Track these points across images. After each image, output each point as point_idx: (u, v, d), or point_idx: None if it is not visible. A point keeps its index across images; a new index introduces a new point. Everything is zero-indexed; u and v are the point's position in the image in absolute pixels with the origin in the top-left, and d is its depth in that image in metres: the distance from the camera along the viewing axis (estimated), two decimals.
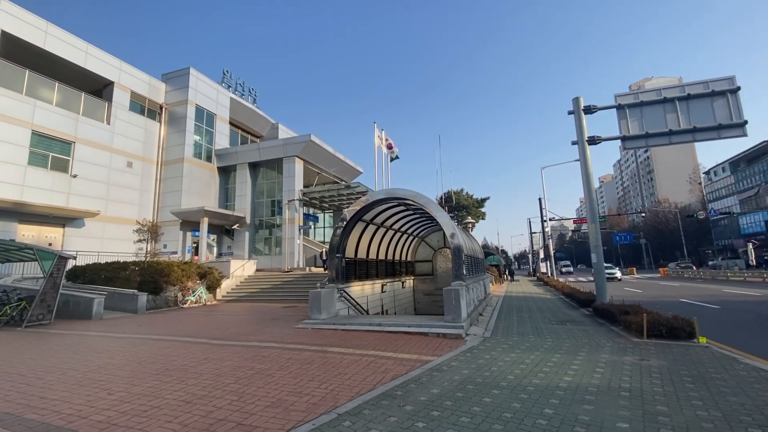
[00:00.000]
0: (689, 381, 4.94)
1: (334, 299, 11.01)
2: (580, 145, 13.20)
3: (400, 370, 5.68)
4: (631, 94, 13.42)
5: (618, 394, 4.47)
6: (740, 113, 11.98)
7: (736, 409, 3.91)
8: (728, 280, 29.27)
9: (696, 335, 7.47)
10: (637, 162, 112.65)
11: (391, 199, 11.57)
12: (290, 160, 26.97)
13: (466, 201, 39.38)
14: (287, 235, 26.12)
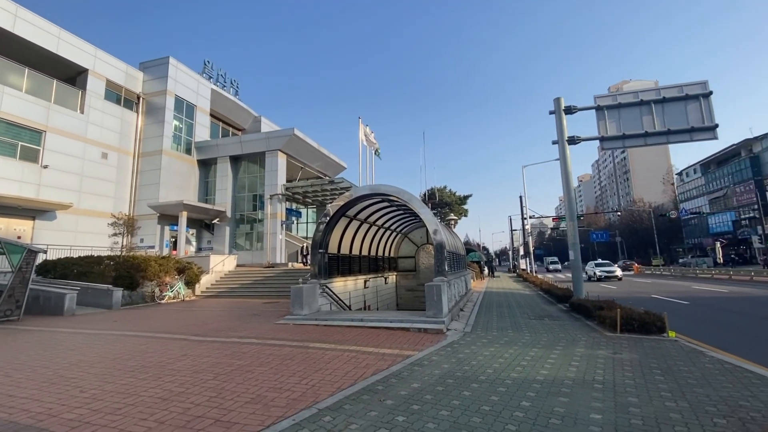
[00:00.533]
0: (659, 374, 5.14)
1: (317, 295, 10.96)
2: (560, 145, 13.47)
3: (381, 365, 5.71)
4: (610, 95, 13.76)
5: (592, 387, 4.62)
6: (712, 117, 12.45)
7: (702, 400, 4.10)
8: (697, 277, 30.54)
9: (666, 330, 7.78)
10: (615, 162, 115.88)
11: (375, 195, 11.57)
12: (273, 154, 26.59)
13: (449, 198, 39.73)
14: (269, 230, 25.81)
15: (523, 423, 3.59)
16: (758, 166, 51.86)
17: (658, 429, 3.42)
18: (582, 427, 3.49)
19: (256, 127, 35.28)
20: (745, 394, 4.26)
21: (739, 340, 8.01)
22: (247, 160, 28.28)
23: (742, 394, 4.25)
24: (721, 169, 59.91)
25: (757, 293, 16.89)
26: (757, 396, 4.17)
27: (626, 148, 14.58)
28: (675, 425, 3.49)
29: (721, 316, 11.39)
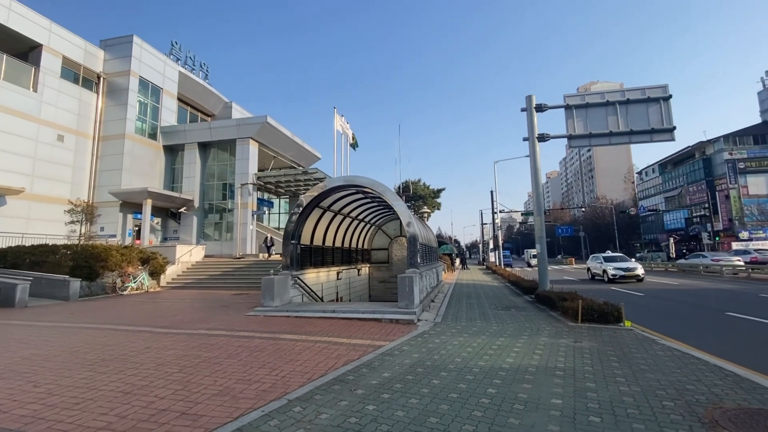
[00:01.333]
0: (615, 360, 5.46)
1: (288, 286, 10.83)
2: (530, 142, 13.84)
3: (352, 356, 5.75)
4: (578, 95, 14.24)
5: (553, 374, 4.85)
6: (670, 119, 13.14)
7: (653, 385, 4.39)
8: (652, 270, 32.44)
9: (623, 319, 8.25)
10: (581, 160, 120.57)
11: (350, 187, 11.51)
12: (244, 141, 25.84)
13: (423, 191, 40.11)
14: (239, 220, 25.17)
15: (488, 409, 3.73)
16: (710, 168, 55.42)
17: (612, 412, 3.64)
18: (543, 411, 3.67)
19: (227, 113, 34.10)
20: (692, 378, 4.59)
21: (687, 328, 8.61)
22: (216, 147, 27.34)
23: (689, 378, 4.59)
24: (677, 169, 63.59)
25: (705, 285, 18.17)
26: (702, 380, 4.52)
27: (592, 146, 15.17)
28: (628, 408, 3.72)
29: (671, 306, 12.18)
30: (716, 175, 54.04)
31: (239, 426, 3.36)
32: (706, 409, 3.64)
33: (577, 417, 3.52)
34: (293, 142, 29.74)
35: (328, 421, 3.47)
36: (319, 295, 13.04)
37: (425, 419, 3.49)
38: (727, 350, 6.38)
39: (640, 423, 3.38)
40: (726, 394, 4.06)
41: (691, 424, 3.35)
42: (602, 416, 3.53)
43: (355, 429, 3.30)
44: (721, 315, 10.22)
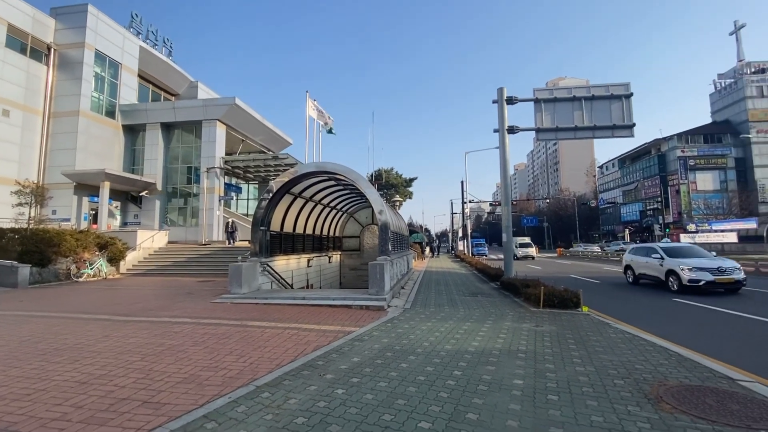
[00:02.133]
0: (572, 343, 5.78)
1: (257, 273, 10.64)
2: (500, 133, 14.13)
3: (322, 342, 5.76)
4: (547, 90, 14.63)
5: (516, 356, 5.08)
6: (630, 116, 13.78)
7: (606, 365, 4.69)
8: (609, 259, 34.34)
9: (581, 305, 8.72)
10: (547, 154, 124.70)
11: (322, 173, 11.35)
12: (211, 123, 24.82)
13: (395, 180, 40.21)
14: (206, 205, 24.32)
15: (454, 390, 3.86)
16: (664, 164, 58.92)
17: (569, 390, 3.87)
18: (506, 391, 3.84)
19: (192, 93, 32.52)
20: (640, 359, 4.94)
21: (638, 313, 9.20)
22: (181, 128, 26.11)
23: (638, 359, 4.94)
24: (635, 164, 67.18)
25: None
26: (649, 360, 4.87)
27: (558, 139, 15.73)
28: (583, 387, 3.97)
29: (623, 292, 12.97)
30: (669, 170, 57.57)
31: (205, 413, 3.31)
32: (651, 386, 3.94)
33: (537, 396, 3.72)
34: (263, 126, 28.88)
35: (297, 405, 3.48)
36: (289, 283, 12.91)
37: (393, 401, 3.57)
38: (673, 332, 6.90)
39: (593, 400, 3.61)
40: (670, 372, 4.40)
41: (639, 399, 3.62)
42: (559, 395, 3.75)
43: (324, 412, 3.33)
44: (669, 300, 10.99)
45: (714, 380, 4.14)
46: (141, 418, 3.24)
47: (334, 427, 3.06)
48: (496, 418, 3.23)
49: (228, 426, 3.08)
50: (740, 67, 57.00)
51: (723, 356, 5.34)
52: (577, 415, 3.30)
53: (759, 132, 51.97)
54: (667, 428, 3.04)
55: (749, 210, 49.73)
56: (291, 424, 3.10)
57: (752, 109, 53.91)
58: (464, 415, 3.28)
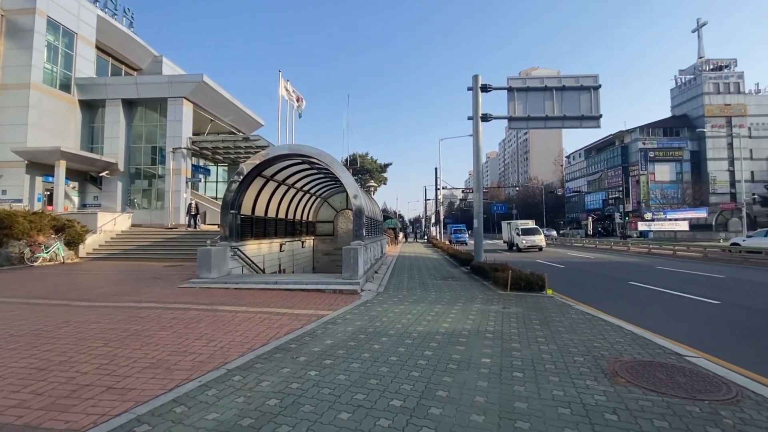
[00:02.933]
0: (537, 323, 6.05)
1: (227, 258, 10.40)
2: (474, 121, 14.29)
3: (295, 325, 5.75)
4: (520, 79, 14.88)
5: (484, 336, 5.27)
6: (598, 107, 14.25)
7: (568, 344, 4.96)
8: (573, 245, 35.95)
9: (546, 288, 9.11)
10: (518, 143, 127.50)
11: (295, 156, 11.12)
12: (177, 101, 23.61)
13: (370, 165, 40.00)
14: (172, 187, 23.32)
15: (425, 369, 3.98)
16: (626, 155, 61.65)
17: (533, 367, 4.07)
18: (474, 369, 4.00)
19: (156, 68, 30.69)
20: (599, 337, 5.26)
21: (598, 295, 9.75)
22: (144, 106, 24.71)
23: (596, 337, 5.25)
24: (600, 155, 69.92)
25: (614, 259, 20.61)
26: (607, 338, 5.19)
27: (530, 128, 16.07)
28: (546, 364, 4.19)
29: (586, 277, 13.68)
30: (631, 161, 60.34)
31: (174, 397, 3.25)
32: (608, 362, 4.21)
33: (503, 373, 3.89)
34: (233, 106, 27.80)
35: (269, 387, 3.48)
36: (261, 268, 12.72)
37: (366, 381, 3.63)
38: (629, 313, 7.37)
39: (555, 375, 3.82)
40: (625, 349, 4.71)
41: (596, 375, 3.86)
42: (524, 372, 3.94)
43: (296, 394, 3.35)
44: (625, 284, 11.69)
45: (664, 356, 4.47)
46: (105, 404, 3.15)
47: (307, 407, 3.09)
48: (464, 395, 3.36)
49: (198, 409, 3.04)
50: (700, 64, 59.92)
51: (666, 331, 5.78)
52: (540, 390, 3.48)
53: (713, 127, 55.16)
54: (621, 400, 3.27)
55: (701, 200, 53.13)
56: (263, 406, 3.10)
57: (708, 105, 57.05)
58: (434, 393, 3.39)
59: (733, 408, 3.13)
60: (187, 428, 2.75)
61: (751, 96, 58.00)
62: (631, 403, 3.22)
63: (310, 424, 2.82)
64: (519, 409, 3.10)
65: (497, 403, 3.19)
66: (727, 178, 56.57)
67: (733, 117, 56.45)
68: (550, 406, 3.16)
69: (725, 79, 57.96)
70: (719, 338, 5.92)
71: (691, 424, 2.86)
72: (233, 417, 2.92)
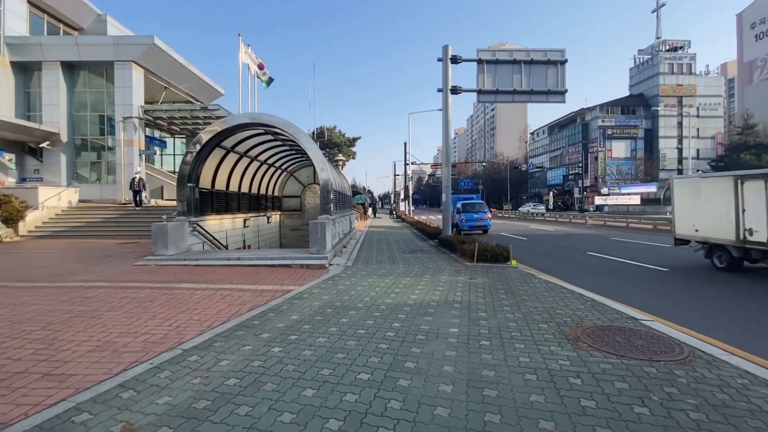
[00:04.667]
0: (503, 293, 6.15)
1: (185, 234, 9.82)
2: (444, 93, 14.08)
3: (258, 301, 5.51)
4: (490, 51, 14.69)
5: (452, 307, 5.28)
6: (564, 82, 14.41)
7: (532, 311, 5.06)
8: (534, 219, 37.34)
9: (510, 259, 9.33)
10: (485, 119, 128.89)
11: (257, 125, 10.48)
12: (125, 65, 21.60)
13: (338, 139, 39.05)
14: (124, 160, 21.67)
15: (393, 341, 3.91)
16: (586, 132, 63.92)
17: (499, 335, 4.11)
18: (442, 339, 3.97)
19: (100, 29, 27.76)
20: (561, 305, 5.41)
21: (559, 265, 10.12)
22: (88, 70, 22.44)
23: (559, 305, 5.40)
24: (562, 132, 72.10)
25: (574, 231, 21.57)
26: (568, 306, 5.35)
27: (498, 102, 16.06)
28: (512, 331, 4.24)
29: (547, 248, 14.20)
30: (591, 138, 62.68)
31: (121, 381, 2.98)
32: (570, 328, 4.32)
33: (471, 342, 3.89)
34: (189, 72, 25.87)
35: (229, 366, 3.28)
36: (223, 244, 12.19)
37: (332, 356, 3.51)
38: (588, 281, 7.68)
39: (521, 343, 3.87)
40: (585, 315, 4.87)
41: (560, 340, 3.95)
42: (491, 340, 3.96)
43: (258, 372, 3.17)
44: (584, 255, 12.23)
45: (621, 320, 4.66)
46: (40, 392, 2.83)
47: (269, 386, 2.93)
48: (433, 365, 3.31)
49: (148, 393, 2.80)
50: (657, 45, 62.16)
51: (623, 297, 6.07)
52: (507, 357, 3.50)
53: (666, 106, 58.00)
54: (583, 364, 3.35)
55: (652, 176, 56.43)
56: (222, 386, 2.91)
57: (663, 85, 59.71)
58: (403, 364, 3.32)
59: (686, 368, 3.29)
60: (135, 414, 2.52)
61: (701, 77, 61.21)
62: (593, 366, 3.30)
63: (272, 403, 2.67)
64: (487, 377, 3.09)
65: (465, 372, 3.17)
66: (676, 155, 60.20)
67: (684, 97, 59.51)
68: (517, 372, 3.18)
69: (679, 60, 60.60)
70: (673, 303, 6.27)
71: (648, 385, 2.96)
72: (188, 399, 2.71)
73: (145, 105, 22.82)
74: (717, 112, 61.25)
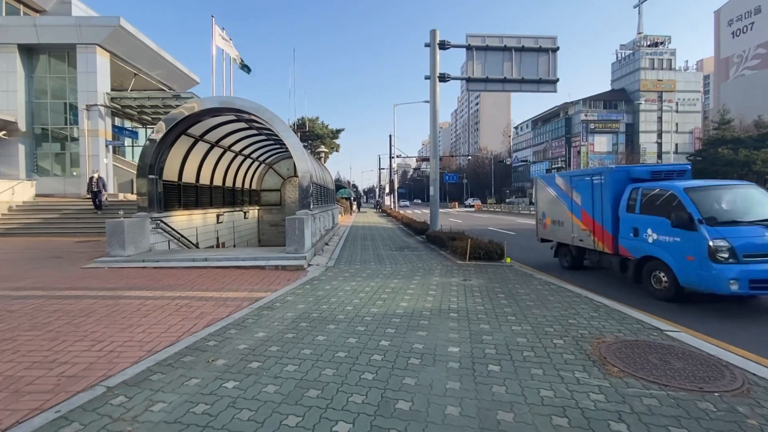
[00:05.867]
0: (503, 298, 5.47)
1: (146, 231, 8.80)
2: (431, 80, 13.33)
3: (220, 314, 4.65)
4: (480, 36, 13.95)
5: (448, 317, 4.55)
6: (555, 71, 13.84)
7: (541, 321, 4.37)
8: (519, 213, 37.18)
9: (505, 257, 8.69)
10: (469, 113, 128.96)
11: (228, 111, 9.48)
12: (88, 49, 19.98)
13: (321, 130, 37.79)
14: (88, 151, 20.13)
15: (381, 368, 3.14)
16: (569, 126, 64.33)
17: (509, 356, 3.40)
18: (441, 363, 3.24)
19: (64, 10, 25.72)
20: (571, 312, 4.74)
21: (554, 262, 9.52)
22: (48, 54, 20.70)
23: (569, 312, 4.73)
24: (545, 126, 72.44)
25: None
26: (580, 313, 4.69)
27: (488, 91, 15.35)
28: (523, 350, 3.53)
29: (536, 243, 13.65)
30: (573, 132, 63.13)
31: None
32: (591, 345, 3.64)
33: (477, 367, 3.16)
34: (161, 58, 24.27)
35: (162, 415, 2.44)
36: (194, 242, 11.19)
37: (303, 394, 2.72)
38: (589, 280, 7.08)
39: (537, 367, 3.16)
40: (603, 326, 4.21)
41: (583, 362, 3.26)
42: (501, 363, 3.24)
43: (200, 423, 2.35)
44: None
45: (645, 332, 4.01)
46: None
47: None
48: (433, 405, 2.56)
49: None
50: (639, 40, 62.79)
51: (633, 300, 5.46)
52: (524, 390, 2.78)
53: (647, 101, 58.73)
54: (621, 398, 2.66)
55: None
56: None
57: (644, 80, 60.43)
58: (394, 405, 2.56)
59: (748, 401, 2.63)
60: None
61: (680, 73, 62.26)
62: (635, 402, 2.61)
63: None
64: (505, 423, 2.36)
65: (476, 417, 2.43)
66: (656, 150, 61.22)
67: (664, 92, 60.42)
68: (542, 414, 2.46)
69: (659, 56, 61.39)
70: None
71: (713, 430, 2.29)
72: None
73: (113, 92, 21.27)
74: (695, 107, 62.49)
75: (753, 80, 71.37)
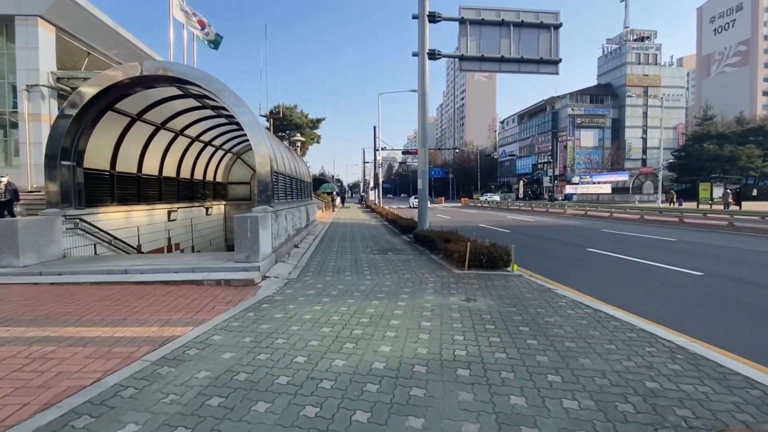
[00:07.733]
0: (527, 330, 3.85)
1: (57, 233, 6.83)
2: (420, 57, 11.67)
3: (85, 377, 2.85)
4: (474, 9, 12.31)
5: (455, 376, 2.89)
6: (557, 50, 12.33)
7: (602, 385, 2.74)
8: (508, 209, 35.97)
9: (511, 263, 7.12)
10: (455, 108, 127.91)
11: (165, 80, 7.52)
12: (28, 21, 17.46)
13: (300, 120, 35.59)
14: (30, 138, 17.63)
15: None
16: (556, 121, 63.65)
17: None
18: None
19: None
20: (639, 362, 3.14)
21: (564, 268, 8.02)
22: None
23: (635, 362, 3.13)
24: (532, 120, 71.71)
25: (555, 222, 19.93)
26: (654, 366, 3.08)
27: (483, 71, 13.80)
28: None
29: (538, 242, 12.21)
30: (560, 127, 62.47)
31: None
32: None
33: None
34: (118, 35, 21.74)
35: None
36: (133, 245, 9.22)
37: None
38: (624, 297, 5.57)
39: None
40: (706, 395, 2.61)
41: None
42: None
43: None
44: (583, 251, 10.30)
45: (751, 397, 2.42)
46: None
47: None
48: None
49: None
50: (625, 34, 62.40)
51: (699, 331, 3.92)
52: None
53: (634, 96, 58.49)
54: None
55: (619, 165, 56.95)
56: None
57: (630, 75, 60.09)
58: None
59: None
60: None
61: (666, 68, 62.21)
62: None
63: None
64: None
65: None
66: (641, 145, 61.16)
67: (650, 87, 60.28)
68: None
69: (646, 50, 61.15)
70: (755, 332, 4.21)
71: None
72: None
73: (60, 71, 18.78)
74: (680, 102, 62.65)
75: (734, 77, 72.44)
